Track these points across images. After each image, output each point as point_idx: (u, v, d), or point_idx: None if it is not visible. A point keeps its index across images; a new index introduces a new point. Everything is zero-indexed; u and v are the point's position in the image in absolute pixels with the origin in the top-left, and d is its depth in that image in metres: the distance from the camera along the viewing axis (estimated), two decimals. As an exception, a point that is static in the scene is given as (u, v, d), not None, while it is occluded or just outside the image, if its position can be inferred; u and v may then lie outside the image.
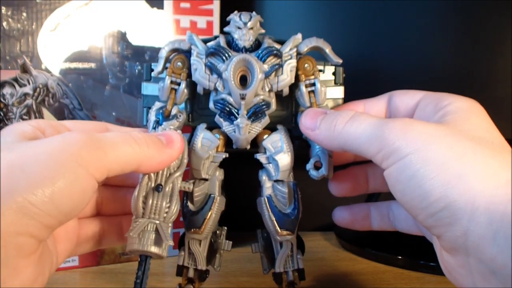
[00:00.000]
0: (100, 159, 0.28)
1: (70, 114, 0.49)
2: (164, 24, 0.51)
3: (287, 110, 0.38)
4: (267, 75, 0.35)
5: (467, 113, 0.32)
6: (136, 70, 0.51)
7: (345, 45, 0.36)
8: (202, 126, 0.37)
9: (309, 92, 0.36)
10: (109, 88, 0.50)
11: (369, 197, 0.53)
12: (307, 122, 0.34)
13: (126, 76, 0.51)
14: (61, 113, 0.49)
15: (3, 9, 0.46)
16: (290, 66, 0.36)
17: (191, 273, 0.37)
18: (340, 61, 0.36)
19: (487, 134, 0.31)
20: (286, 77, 0.36)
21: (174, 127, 0.36)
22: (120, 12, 0.50)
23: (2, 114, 0.46)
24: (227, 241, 0.38)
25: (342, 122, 0.32)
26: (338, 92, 0.38)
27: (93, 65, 0.50)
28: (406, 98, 0.36)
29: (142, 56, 0.51)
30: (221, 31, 0.52)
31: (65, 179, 0.26)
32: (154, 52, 0.51)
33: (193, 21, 0.52)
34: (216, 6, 0.53)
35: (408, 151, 0.28)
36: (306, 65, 0.36)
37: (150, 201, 0.34)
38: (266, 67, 0.35)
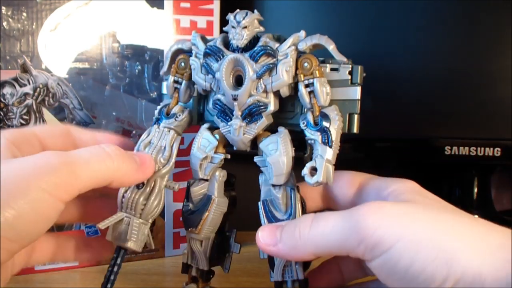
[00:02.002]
0: (70, 182, 0.28)
1: (70, 114, 0.49)
2: (164, 24, 0.51)
3: (297, 110, 0.37)
4: (258, 75, 0.34)
5: (415, 191, 0.32)
6: (136, 70, 0.51)
7: (346, 44, 0.36)
8: (205, 126, 0.37)
9: (310, 92, 0.34)
10: (109, 88, 0.50)
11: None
12: (266, 239, 0.31)
13: (126, 76, 0.51)
14: (61, 113, 0.49)
15: (3, 9, 0.46)
16: (285, 65, 0.33)
17: (194, 272, 0.37)
18: (345, 59, 0.34)
19: (443, 205, 0.31)
20: (280, 77, 0.34)
21: (172, 126, 0.36)
22: (120, 12, 0.50)
23: (2, 114, 0.46)
24: (236, 243, 0.37)
25: (306, 227, 0.30)
26: (354, 92, 0.35)
27: (93, 65, 0.50)
28: (343, 184, 0.36)
29: (142, 56, 0.51)
30: (221, 31, 0.52)
31: (28, 205, 0.26)
32: (154, 52, 0.51)
33: (193, 21, 0.52)
34: (216, 6, 0.53)
35: (394, 239, 0.26)
36: (305, 64, 0.34)
37: (128, 196, 0.34)
38: (258, 67, 0.34)
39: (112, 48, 0.50)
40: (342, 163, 0.36)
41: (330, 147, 0.32)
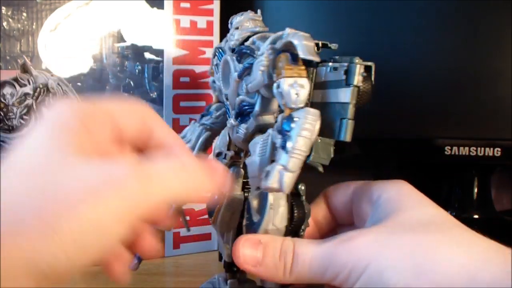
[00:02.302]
0: (144, 205, 0.24)
1: (70, 114, 0.49)
2: (164, 24, 0.51)
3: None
4: (239, 75, 0.33)
5: (399, 200, 0.32)
6: (136, 70, 0.51)
7: (346, 44, 0.36)
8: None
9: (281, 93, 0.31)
10: (109, 88, 0.50)
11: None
12: (246, 256, 0.30)
13: (126, 76, 0.51)
14: (61, 113, 0.49)
15: (3, 9, 0.46)
16: (258, 65, 0.31)
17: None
18: (311, 58, 0.30)
19: (425, 215, 0.31)
20: (255, 78, 0.32)
21: (207, 122, 0.38)
22: (120, 12, 0.50)
23: (2, 114, 0.46)
24: None
25: (289, 258, 0.30)
26: (346, 94, 0.30)
27: (93, 65, 0.50)
28: (340, 196, 0.36)
29: (142, 56, 0.51)
30: (221, 31, 0.52)
31: (92, 225, 0.22)
32: (154, 52, 0.51)
33: (193, 21, 0.52)
34: (216, 6, 0.53)
35: (363, 265, 0.28)
36: (280, 63, 0.31)
37: None
38: (239, 67, 0.33)
39: (112, 48, 0.50)
40: (342, 163, 0.36)
41: (286, 152, 0.29)
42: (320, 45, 0.32)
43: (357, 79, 0.30)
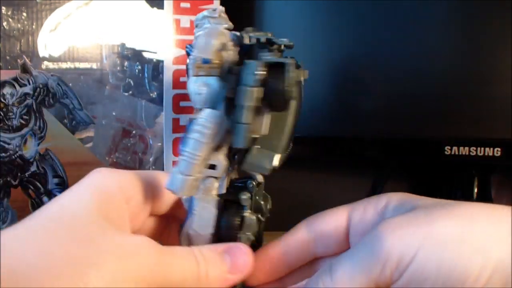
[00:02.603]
0: (160, 284, 0.26)
1: (70, 114, 0.49)
2: (164, 24, 0.51)
3: None
4: (187, 75, 0.31)
5: (412, 199, 0.30)
6: (136, 70, 0.51)
7: (346, 44, 0.36)
8: None
9: None
10: (109, 88, 0.50)
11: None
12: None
13: (126, 76, 0.51)
14: (61, 113, 0.49)
15: (3, 9, 0.46)
16: (189, 63, 0.30)
17: None
18: (203, 56, 0.28)
19: (444, 201, 0.29)
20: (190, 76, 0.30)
21: None
22: (120, 12, 0.50)
23: (2, 114, 0.46)
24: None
25: (328, 282, 0.27)
26: (239, 96, 0.27)
27: (93, 65, 0.50)
28: (329, 221, 0.33)
29: (142, 56, 0.51)
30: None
31: None
32: (154, 52, 0.51)
33: (193, 21, 0.52)
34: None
35: (414, 249, 0.25)
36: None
37: None
38: None
39: (112, 48, 0.50)
40: (342, 163, 0.36)
41: (180, 154, 0.28)
42: (264, 40, 0.29)
43: (251, 78, 0.27)
